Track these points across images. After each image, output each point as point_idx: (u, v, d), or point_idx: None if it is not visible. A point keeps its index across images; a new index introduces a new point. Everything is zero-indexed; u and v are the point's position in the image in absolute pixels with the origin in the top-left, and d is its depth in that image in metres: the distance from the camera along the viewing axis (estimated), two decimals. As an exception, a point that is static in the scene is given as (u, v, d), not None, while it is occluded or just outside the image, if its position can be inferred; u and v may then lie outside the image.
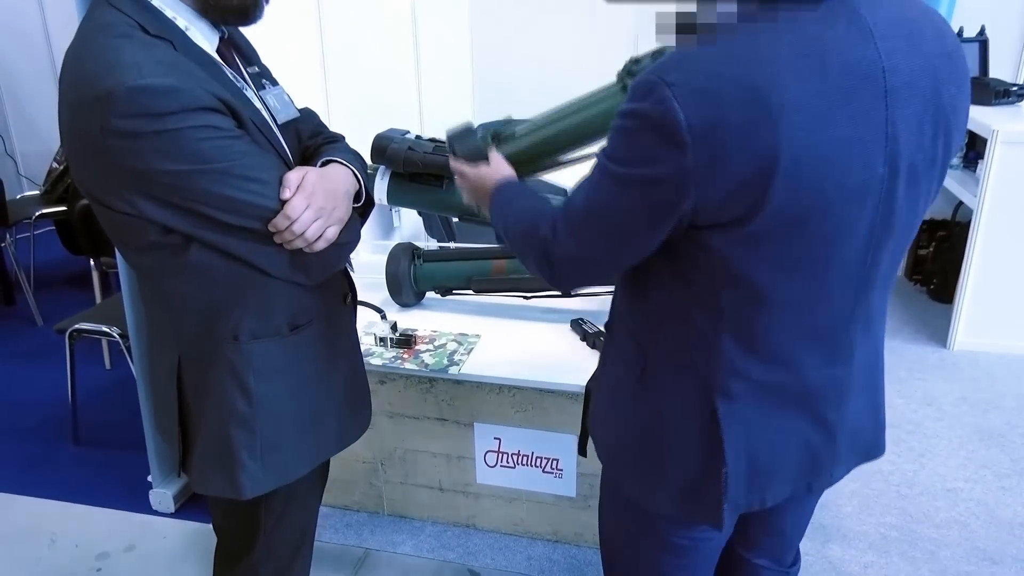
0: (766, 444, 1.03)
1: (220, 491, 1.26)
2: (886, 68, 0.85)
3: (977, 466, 2.46)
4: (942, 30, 0.93)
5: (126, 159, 1.01)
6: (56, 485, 2.50)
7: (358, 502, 2.30)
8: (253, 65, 1.25)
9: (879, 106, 0.85)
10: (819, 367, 1.01)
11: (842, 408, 1.05)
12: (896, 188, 0.90)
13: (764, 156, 0.81)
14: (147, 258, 1.16)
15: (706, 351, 0.99)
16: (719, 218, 0.88)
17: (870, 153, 0.86)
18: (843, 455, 1.09)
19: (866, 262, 0.95)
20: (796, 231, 0.88)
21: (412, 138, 1.82)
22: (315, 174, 1.15)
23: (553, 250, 1.02)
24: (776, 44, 0.82)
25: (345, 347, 1.39)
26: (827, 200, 0.86)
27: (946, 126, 0.92)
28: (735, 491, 1.04)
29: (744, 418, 1.01)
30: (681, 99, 0.81)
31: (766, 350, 0.97)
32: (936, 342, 3.24)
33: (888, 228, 0.93)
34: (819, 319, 0.97)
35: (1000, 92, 3.16)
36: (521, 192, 1.20)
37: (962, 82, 0.93)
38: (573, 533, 2.14)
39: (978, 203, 2.98)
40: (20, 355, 3.41)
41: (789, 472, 1.06)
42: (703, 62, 0.83)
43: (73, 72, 1.03)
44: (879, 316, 1.06)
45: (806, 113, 0.81)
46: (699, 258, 0.94)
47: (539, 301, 2.23)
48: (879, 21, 0.86)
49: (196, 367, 1.22)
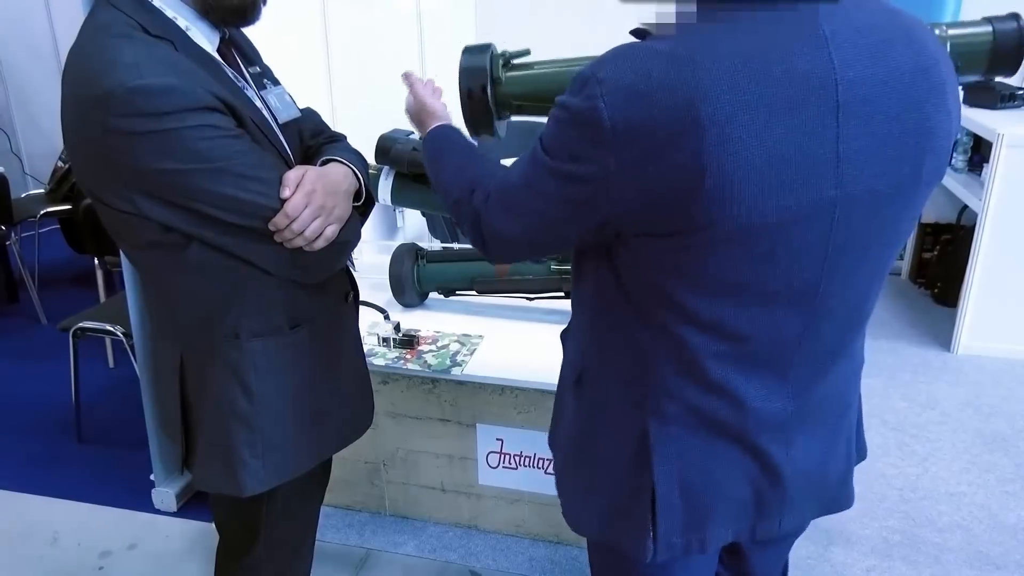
0: (702, 475, 0.96)
1: (221, 488, 1.27)
2: (839, 81, 0.78)
3: (981, 470, 2.45)
4: (919, 42, 0.83)
5: (126, 158, 1.01)
6: (59, 483, 2.50)
7: (360, 502, 2.30)
8: (254, 65, 1.26)
9: (828, 122, 0.78)
10: (761, 400, 0.93)
11: (790, 448, 0.97)
12: (851, 214, 0.82)
13: (689, 167, 0.77)
14: (148, 256, 1.16)
15: (641, 367, 0.95)
16: (645, 228, 0.84)
17: (817, 173, 0.79)
18: (794, 502, 1.00)
19: (817, 291, 0.87)
20: (729, 251, 0.82)
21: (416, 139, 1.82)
22: (315, 173, 1.15)
23: (484, 222, 0.99)
24: (715, 48, 0.77)
25: (347, 346, 1.39)
26: (764, 221, 0.79)
27: (917, 149, 0.83)
28: (667, 525, 0.97)
29: (679, 443, 0.95)
30: (608, 97, 0.78)
31: (702, 375, 0.91)
32: (940, 346, 3.23)
33: (845, 256, 0.86)
34: (759, 348, 0.90)
35: (1005, 96, 3.15)
36: (458, 145, 1.17)
37: (941, 99, 0.83)
38: (575, 536, 2.12)
39: (983, 207, 2.97)
40: (24, 353, 3.42)
41: (730, 512, 0.98)
42: (636, 60, 0.79)
43: (74, 72, 1.03)
44: (843, 352, 0.97)
45: (740, 125, 0.75)
46: (632, 269, 0.91)
47: (542, 302, 2.23)
48: (839, 30, 0.79)
49: (197, 364, 1.22)
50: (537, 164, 0.89)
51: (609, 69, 0.80)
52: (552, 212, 0.90)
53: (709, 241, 0.81)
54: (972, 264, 3.05)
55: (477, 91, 1.33)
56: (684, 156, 0.76)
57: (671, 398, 0.94)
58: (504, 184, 0.97)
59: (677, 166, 0.77)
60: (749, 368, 0.92)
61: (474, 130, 1.45)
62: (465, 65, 1.34)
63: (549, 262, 2.10)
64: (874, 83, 0.79)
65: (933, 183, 0.88)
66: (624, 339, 0.96)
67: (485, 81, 1.32)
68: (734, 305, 0.87)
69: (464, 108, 1.36)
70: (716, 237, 0.81)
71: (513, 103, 1.37)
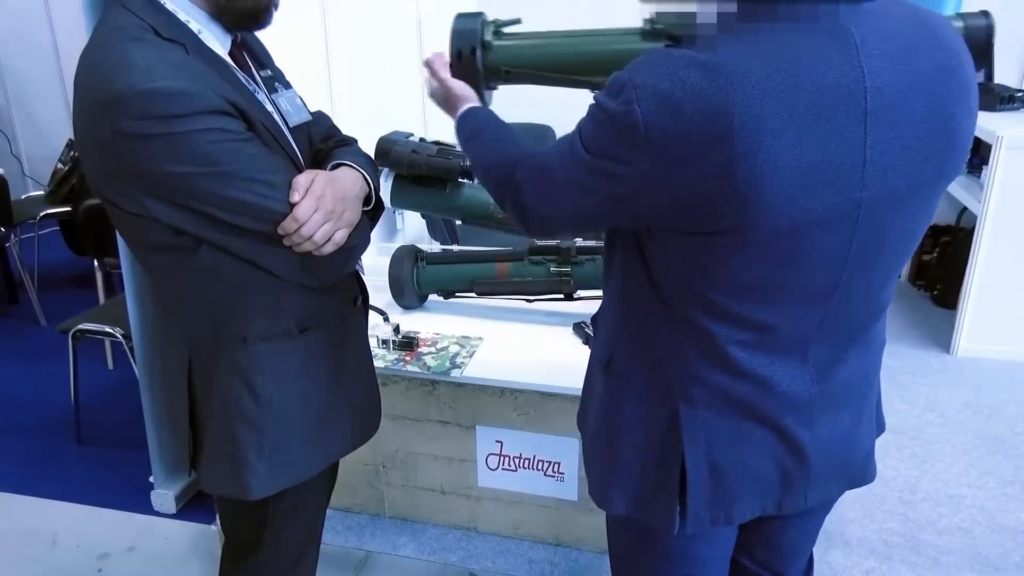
0: (731, 455, 1.00)
1: (227, 490, 1.27)
2: (868, 89, 0.80)
3: (980, 472, 2.45)
4: (946, 43, 0.86)
5: (137, 161, 1.02)
6: (58, 485, 2.50)
7: (360, 504, 2.30)
8: (266, 69, 1.26)
9: (856, 129, 0.81)
10: (786, 383, 0.97)
11: (815, 427, 1.01)
12: (876, 214, 0.86)
13: (720, 173, 0.80)
14: (158, 258, 1.16)
15: (669, 354, 0.99)
16: (674, 227, 0.88)
17: (843, 178, 0.82)
18: (819, 478, 1.05)
19: (837, 284, 0.91)
20: (755, 252, 0.85)
21: (416, 141, 1.82)
22: (325, 177, 1.15)
23: (525, 202, 1.03)
24: (750, 57, 0.79)
25: (355, 350, 1.38)
26: (791, 223, 0.82)
27: (940, 149, 0.86)
28: (697, 502, 1.02)
29: (708, 425, 0.99)
30: (643, 103, 0.81)
31: (730, 362, 0.95)
32: (939, 347, 3.23)
33: (866, 253, 0.89)
34: (781, 336, 0.95)
35: (1005, 98, 3.16)
36: (494, 124, 1.20)
37: (964, 98, 0.86)
38: (575, 537, 2.14)
39: (982, 209, 2.97)
40: (23, 355, 3.42)
41: (756, 489, 1.03)
42: (672, 66, 0.81)
43: (86, 74, 1.03)
44: (863, 337, 1.02)
45: (771, 133, 0.78)
46: (661, 263, 0.94)
47: (542, 304, 2.23)
48: (869, 37, 0.81)
49: (205, 367, 1.23)
50: (576, 157, 0.92)
51: (646, 74, 0.82)
52: (587, 204, 0.94)
53: (736, 244, 0.85)
54: (971, 266, 3.05)
55: (467, 52, 1.36)
56: (715, 162, 0.79)
57: (699, 383, 0.98)
58: (544, 169, 1.00)
59: (708, 172, 0.80)
60: (773, 354, 0.96)
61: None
62: (456, 28, 1.38)
63: (548, 264, 2.10)
64: (902, 88, 0.82)
65: (952, 179, 0.92)
66: (652, 328, 1.00)
67: (475, 43, 1.36)
68: (758, 301, 0.91)
69: (453, 70, 1.39)
70: (743, 240, 0.84)
71: (502, 70, 1.40)
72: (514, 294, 2.19)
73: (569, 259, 2.08)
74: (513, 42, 1.43)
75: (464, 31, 1.37)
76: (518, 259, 2.14)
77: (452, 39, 1.38)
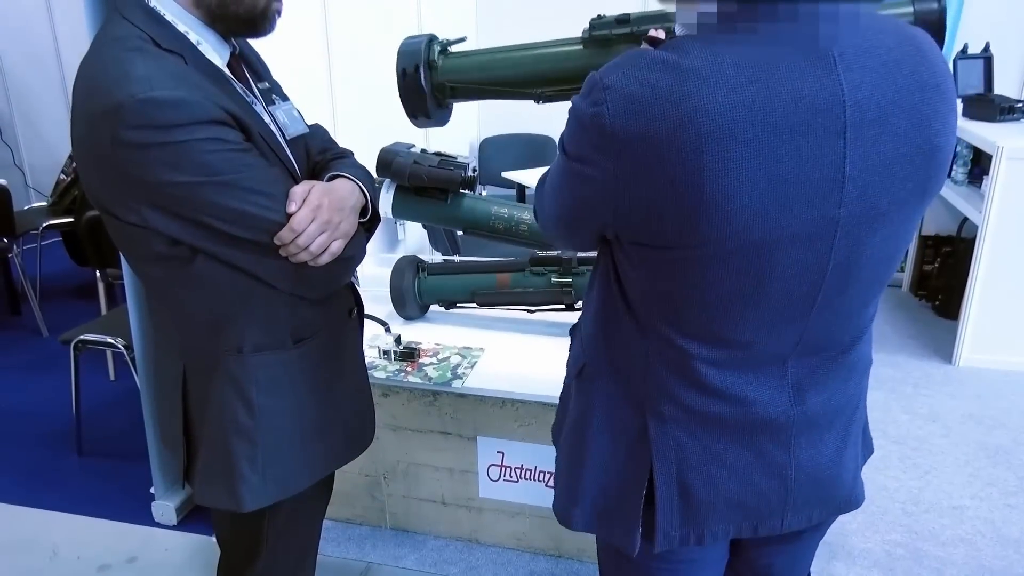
0: (703, 474, 0.97)
1: (221, 503, 1.26)
2: (847, 102, 0.77)
3: (983, 483, 2.44)
4: (928, 59, 0.83)
5: (134, 170, 1.02)
6: (59, 496, 2.50)
7: (360, 515, 2.29)
8: (264, 81, 1.26)
9: (835, 144, 0.78)
10: (761, 403, 0.94)
11: (794, 449, 0.97)
12: (854, 232, 0.83)
13: (687, 182, 0.77)
14: (154, 269, 1.16)
15: (640, 368, 0.96)
16: (640, 238, 0.86)
17: (820, 194, 0.79)
18: (799, 502, 1.01)
19: (814, 302, 0.88)
20: (726, 266, 0.82)
21: (417, 152, 1.83)
22: (321, 188, 1.15)
23: (537, 199, 1.06)
24: (723, 63, 0.76)
25: (350, 361, 1.39)
26: (762, 238, 0.80)
27: (922, 166, 0.83)
28: (666, 520, 0.99)
29: (679, 443, 0.96)
30: (612, 104, 0.79)
31: (702, 379, 0.92)
32: (941, 358, 3.23)
33: (845, 271, 0.86)
34: (757, 354, 0.91)
35: (1005, 108, 3.16)
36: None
37: (947, 115, 0.83)
38: (576, 548, 2.13)
39: (983, 219, 2.97)
40: (25, 365, 3.42)
41: (730, 509, 0.99)
42: (643, 69, 0.79)
43: (85, 84, 1.04)
44: (845, 358, 0.98)
45: (742, 143, 0.75)
46: (630, 274, 0.92)
47: (543, 315, 2.23)
48: (848, 49, 0.78)
49: (200, 377, 1.22)
50: (559, 161, 0.93)
51: (616, 76, 0.80)
52: (565, 206, 0.94)
53: (705, 257, 0.82)
54: (973, 276, 3.05)
55: (411, 70, 1.44)
56: (683, 170, 0.77)
57: (670, 400, 0.95)
58: (547, 173, 1.02)
59: (675, 179, 0.78)
60: (749, 373, 0.93)
61: (410, 110, 1.53)
62: (402, 49, 1.45)
63: (550, 275, 2.10)
64: (883, 104, 0.79)
65: (933, 196, 0.89)
66: (624, 341, 0.98)
67: (418, 61, 1.43)
68: (730, 317, 0.88)
69: (399, 87, 1.46)
70: (712, 253, 0.82)
71: (448, 86, 1.47)
72: (515, 305, 2.19)
73: (570, 270, 2.09)
74: (456, 60, 1.48)
75: (408, 52, 1.45)
76: (519, 270, 2.15)
77: (398, 59, 1.46)
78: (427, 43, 1.45)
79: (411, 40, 1.46)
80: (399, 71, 1.44)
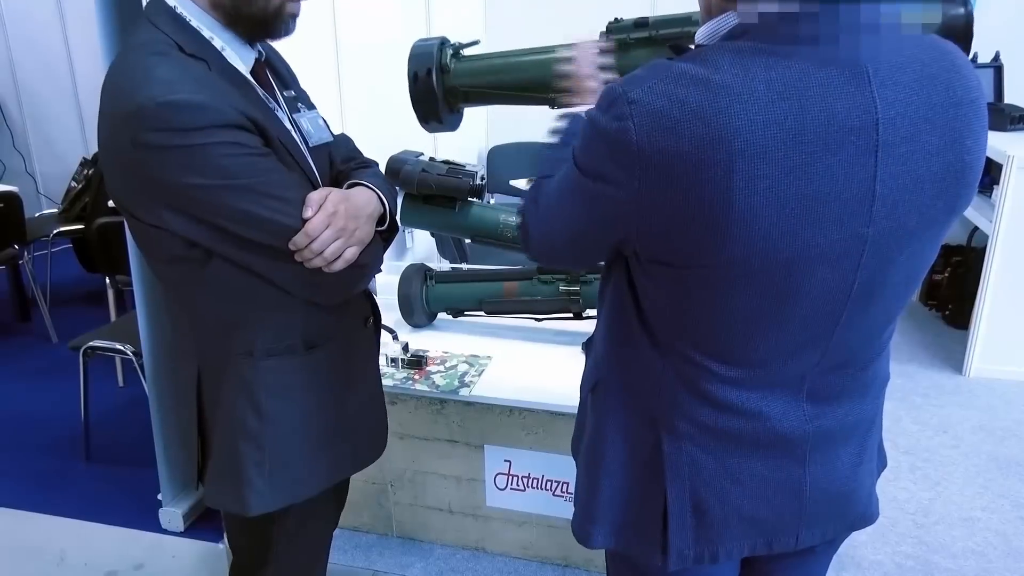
0: (717, 491, 0.95)
1: (228, 506, 1.27)
2: (881, 120, 0.75)
3: (994, 495, 2.42)
4: (962, 75, 0.81)
5: (154, 172, 1.03)
6: (67, 502, 2.50)
7: (367, 523, 2.29)
8: (290, 89, 1.27)
9: (866, 162, 0.76)
10: (777, 419, 0.92)
11: (809, 465, 0.96)
12: (881, 250, 0.81)
13: (713, 202, 0.75)
14: (171, 270, 1.17)
15: (654, 385, 0.95)
16: (662, 255, 0.83)
17: (849, 212, 0.77)
18: (813, 518, 0.99)
19: (838, 322, 0.86)
20: (750, 284, 0.80)
21: (426, 160, 1.83)
22: (338, 194, 1.16)
23: (527, 221, 1.01)
24: (753, 79, 0.74)
25: (364, 370, 1.38)
26: (790, 257, 0.78)
27: (953, 184, 0.81)
28: (679, 538, 0.97)
29: (692, 460, 0.95)
30: (638, 120, 0.76)
31: (716, 397, 0.91)
32: (952, 368, 3.21)
33: (869, 291, 0.84)
34: (777, 373, 0.90)
35: (1015, 118, 3.15)
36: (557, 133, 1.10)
37: (979, 133, 0.81)
38: (583, 558, 2.12)
39: (994, 229, 2.96)
40: (34, 371, 3.43)
41: (744, 526, 0.98)
42: (671, 83, 0.76)
43: (110, 87, 1.06)
44: (863, 374, 0.96)
45: (773, 162, 0.73)
46: (650, 292, 0.90)
47: (550, 323, 2.23)
48: (882, 65, 0.76)
49: (212, 380, 1.23)
50: (569, 176, 0.89)
51: (642, 90, 0.77)
52: (580, 225, 0.91)
53: (729, 276, 0.80)
54: (983, 286, 3.03)
55: (422, 74, 1.41)
56: (712, 189, 0.75)
57: (684, 417, 0.94)
58: (547, 188, 0.97)
59: (703, 198, 0.75)
60: (766, 389, 0.91)
61: (421, 115, 1.49)
62: (413, 52, 1.43)
63: (557, 283, 2.10)
64: (916, 120, 0.77)
65: (961, 213, 0.87)
66: (638, 357, 0.96)
67: (431, 65, 1.40)
68: (752, 336, 0.86)
69: (411, 91, 1.43)
70: (737, 272, 0.80)
71: (460, 90, 1.44)
72: (523, 313, 2.19)
73: (578, 278, 2.09)
74: (469, 64, 1.45)
75: (420, 54, 1.42)
76: (527, 278, 2.15)
77: (409, 62, 1.42)
78: (439, 46, 1.42)
79: (423, 43, 1.43)
80: (410, 74, 1.41)
